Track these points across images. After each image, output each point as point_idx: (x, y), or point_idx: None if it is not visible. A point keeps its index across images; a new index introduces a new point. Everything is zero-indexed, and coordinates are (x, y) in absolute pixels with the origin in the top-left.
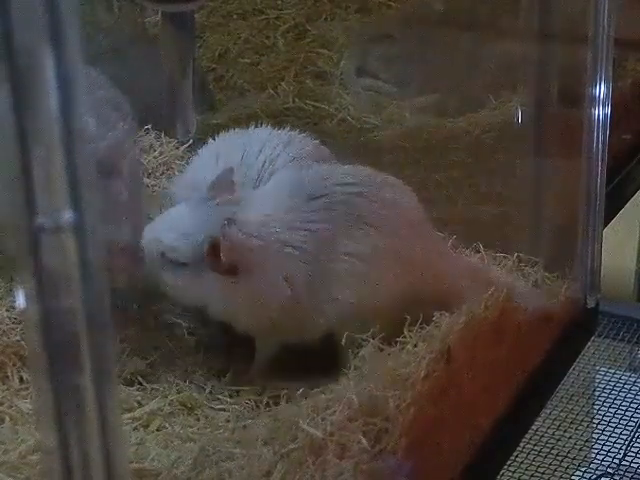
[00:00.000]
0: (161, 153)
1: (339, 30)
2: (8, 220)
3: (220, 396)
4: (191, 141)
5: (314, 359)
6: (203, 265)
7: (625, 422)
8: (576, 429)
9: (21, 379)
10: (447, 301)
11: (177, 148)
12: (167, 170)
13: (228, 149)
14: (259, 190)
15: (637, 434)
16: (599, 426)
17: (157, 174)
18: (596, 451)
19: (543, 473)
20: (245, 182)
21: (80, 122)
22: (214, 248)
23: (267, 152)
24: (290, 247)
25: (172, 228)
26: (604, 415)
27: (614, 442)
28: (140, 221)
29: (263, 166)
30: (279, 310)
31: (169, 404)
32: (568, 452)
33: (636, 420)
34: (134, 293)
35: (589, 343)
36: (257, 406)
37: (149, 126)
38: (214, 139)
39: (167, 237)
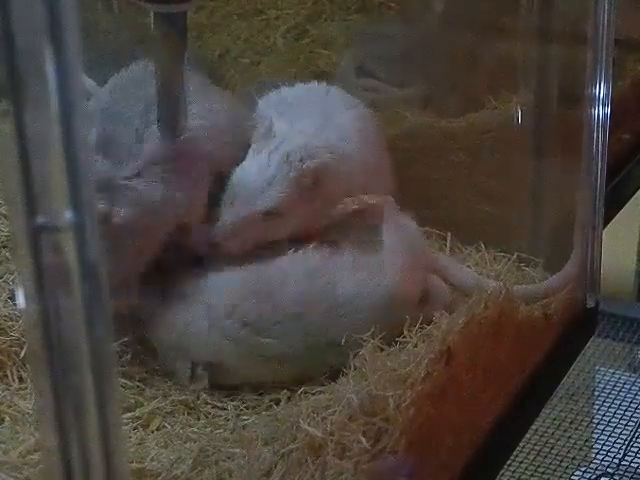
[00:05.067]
0: None
1: (339, 30)
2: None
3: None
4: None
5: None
6: None
7: (625, 422)
8: (576, 429)
9: (20, 378)
10: None
11: None
12: None
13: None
14: None
15: (637, 434)
16: (599, 426)
17: None
18: (596, 451)
19: (543, 473)
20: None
21: (80, 122)
22: None
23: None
24: None
25: None
26: (604, 415)
27: (614, 442)
28: None
29: None
30: None
31: (169, 404)
32: (568, 452)
33: (636, 420)
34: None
35: (589, 343)
36: (257, 406)
37: None
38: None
39: None
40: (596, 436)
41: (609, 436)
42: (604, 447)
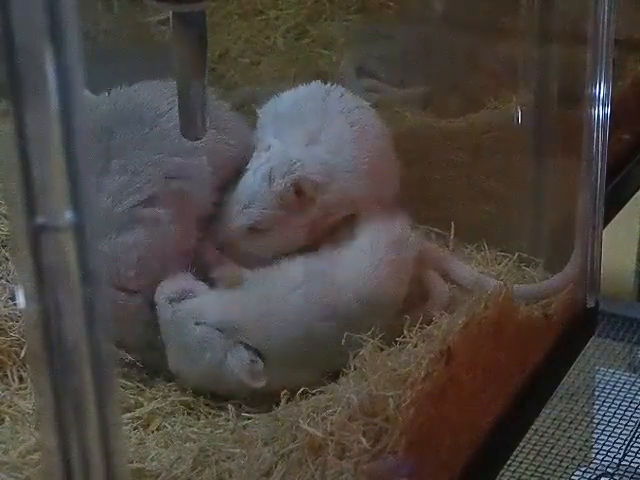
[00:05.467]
0: None
1: (339, 30)
2: None
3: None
4: None
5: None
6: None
7: (625, 422)
8: (576, 429)
9: (20, 378)
10: None
11: None
12: None
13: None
14: None
15: (637, 434)
16: (599, 426)
17: None
18: (596, 451)
19: (543, 473)
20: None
21: (80, 122)
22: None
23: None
24: None
25: None
26: (604, 415)
27: (614, 442)
28: None
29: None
30: None
31: (169, 404)
32: (568, 452)
33: (636, 420)
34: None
35: (589, 343)
36: (257, 406)
37: None
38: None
39: None
40: (596, 436)
41: (609, 436)
42: (604, 447)
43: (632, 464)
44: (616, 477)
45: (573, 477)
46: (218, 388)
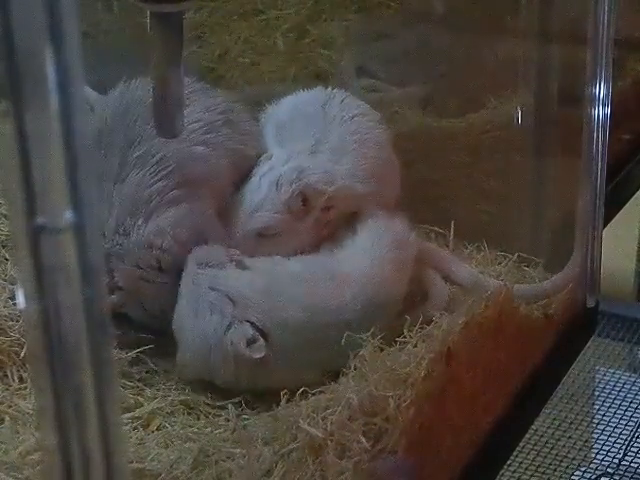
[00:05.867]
0: None
1: (339, 30)
2: None
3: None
4: None
5: None
6: None
7: (625, 422)
8: (576, 429)
9: (20, 378)
10: None
11: None
12: None
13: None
14: None
15: (637, 434)
16: (599, 426)
17: None
18: (596, 451)
19: (543, 473)
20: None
21: (80, 122)
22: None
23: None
24: None
25: None
26: (604, 415)
27: (614, 442)
28: None
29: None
30: None
31: (169, 404)
32: (568, 452)
33: (636, 420)
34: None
35: (589, 343)
36: (257, 406)
37: None
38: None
39: None
40: (596, 436)
41: (609, 436)
42: (604, 447)
43: (632, 464)
44: (616, 477)
45: (573, 477)
46: (212, 363)
